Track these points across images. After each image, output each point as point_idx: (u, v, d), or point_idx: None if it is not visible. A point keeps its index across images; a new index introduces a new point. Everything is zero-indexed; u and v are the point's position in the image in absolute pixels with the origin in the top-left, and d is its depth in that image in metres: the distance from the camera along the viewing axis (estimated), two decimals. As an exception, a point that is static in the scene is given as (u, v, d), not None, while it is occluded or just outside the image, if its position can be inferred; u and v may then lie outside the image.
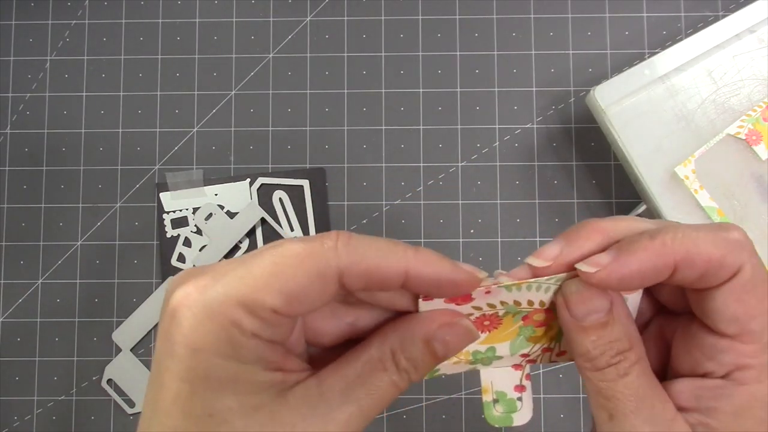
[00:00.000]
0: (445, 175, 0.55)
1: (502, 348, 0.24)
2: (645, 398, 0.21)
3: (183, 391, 0.19)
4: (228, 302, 0.19)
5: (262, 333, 0.19)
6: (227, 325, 0.19)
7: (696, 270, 0.20)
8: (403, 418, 0.53)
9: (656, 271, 0.20)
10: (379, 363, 0.21)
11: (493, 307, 0.23)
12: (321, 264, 0.19)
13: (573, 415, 0.53)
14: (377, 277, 0.20)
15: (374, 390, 0.21)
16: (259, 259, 0.19)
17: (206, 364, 0.19)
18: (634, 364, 0.21)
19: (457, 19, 0.56)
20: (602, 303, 0.21)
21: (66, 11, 0.58)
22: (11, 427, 0.54)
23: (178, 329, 0.19)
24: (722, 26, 0.49)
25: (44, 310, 0.55)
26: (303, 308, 0.20)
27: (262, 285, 0.19)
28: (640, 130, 0.48)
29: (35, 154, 0.56)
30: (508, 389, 0.25)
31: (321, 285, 0.20)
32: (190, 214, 0.55)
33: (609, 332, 0.21)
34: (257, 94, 0.56)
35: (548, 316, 0.23)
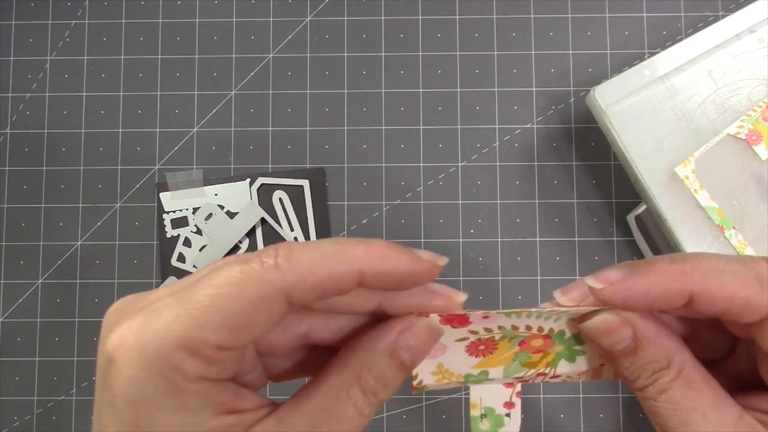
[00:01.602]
0: (445, 175, 0.55)
1: (496, 372, 0.24)
2: (694, 409, 0.20)
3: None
4: (165, 345, 0.17)
5: (208, 373, 0.18)
6: (168, 371, 0.17)
7: (716, 305, 0.19)
8: (403, 418, 0.53)
9: (668, 298, 0.19)
10: (341, 391, 0.19)
11: (490, 331, 0.22)
12: (263, 287, 0.18)
13: (573, 415, 0.53)
14: (329, 285, 0.18)
15: (338, 424, 0.19)
16: (195, 292, 0.18)
17: (149, 419, 0.17)
18: (674, 380, 0.20)
19: (457, 19, 0.56)
20: (625, 332, 0.21)
21: (66, 11, 0.58)
22: (11, 427, 0.54)
23: (117, 380, 0.17)
24: (722, 26, 0.49)
25: (44, 310, 0.55)
26: (249, 337, 0.18)
27: (202, 321, 0.17)
28: (640, 130, 0.48)
29: (35, 154, 0.56)
30: (497, 405, 0.24)
31: (267, 309, 0.18)
32: (190, 214, 0.55)
33: (641, 356, 0.21)
34: (257, 94, 0.56)
35: (546, 343, 0.23)
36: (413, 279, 0.19)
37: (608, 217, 0.54)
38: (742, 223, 0.46)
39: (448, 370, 0.23)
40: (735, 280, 0.19)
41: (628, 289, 0.19)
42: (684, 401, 0.20)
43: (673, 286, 0.19)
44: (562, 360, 0.23)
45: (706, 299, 0.19)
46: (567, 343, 0.23)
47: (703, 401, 0.20)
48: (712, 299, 0.19)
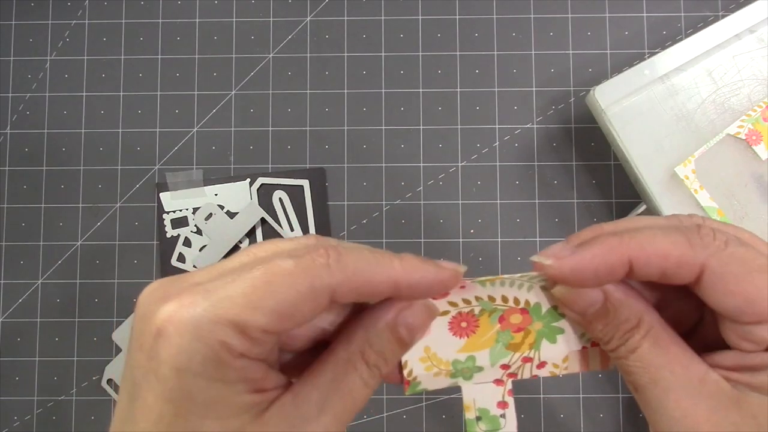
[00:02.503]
0: (445, 175, 0.55)
1: (482, 357, 0.24)
2: (662, 366, 0.21)
3: (167, 412, 0.19)
4: (219, 322, 0.18)
5: (250, 352, 0.19)
6: (216, 345, 0.18)
7: (653, 268, 0.20)
8: (403, 418, 0.53)
9: (610, 267, 0.21)
10: (348, 364, 0.21)
11: (468, 303, 0.23)
12: (315, 282, 0.19)
13: (573, 415, 0.53)
14: (368, 291, 0.20)
15: (347, 394, 0.21)
16: (249, 276, 0.19)
17: (192, 386, 0.19)
18: (643, 338, 0.21)
19: (457, 19, 0.56)
20: (595, 294, 0.22)
21: (66, 11, 0.58)
22: (11, 427, 0.54)
23: (165, 348, 0.19)
24: (722, 26, 0.49)
25: (44, 310, 0.55)
26: (293, 325, 0.20)
27: (255, 304, 0.19)
28: (640, 130, 0.48)
29: (35, 154, 0.56)
30: (490, 406, 0.24)
31: (313, 302, 0.19)
32: (190, 214, 0.55)
33: (612, 317, 0.22)
34: (257, 94, 0.56)
35: (524, 319, 0.24)
36: (439, 287, 0.21)
37: (608, 217, 0.54)
38: (742, 223, 0.46)
39: (435, 355, 0.24)
40: (666, 241, 0.20)
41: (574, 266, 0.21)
42: (653, 359, 0.21)
43: (611, 255, 0.20)
44: (543, 340, 0.24)
45: (642, 263, 0.20)
46: (545, 319, 0.24)
47: (670, 358, 0.21)
48: (647, 263, 0.20)
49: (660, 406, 0.21)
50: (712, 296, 0.21)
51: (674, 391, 0.21)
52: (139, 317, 0.20)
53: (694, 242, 0.20)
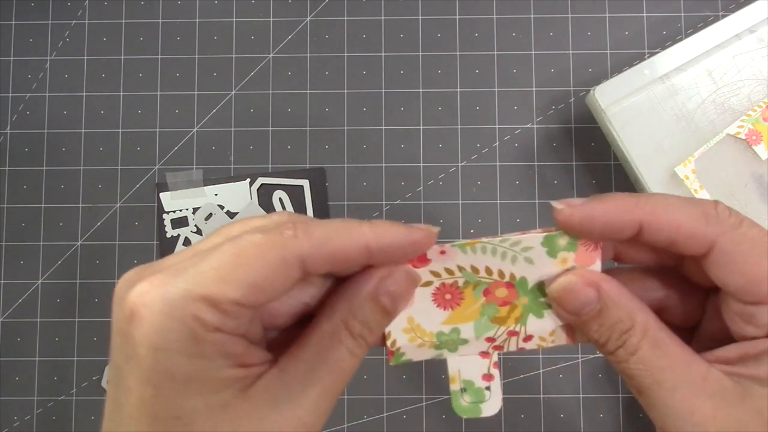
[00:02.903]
0: (445, 175, 0.55)
1: (466, 329, 0.24)
2: (664, 367, 0.21)
3: (147, 393, 0.19)
4: (189, 297, 0.19)
5: (225, 326, 0.19)
6: (189, 320, 0.18)
7: (663, 234, 0.21)
8: (403, 418, 0.53)
9: (620, 223, 0.21)
10: (333, 336, 0.21)
11: (451, 273, 0.23)
12: (284, 253, 0.19)
13: (573, 415, 0.53)
14: (340, 257, 0.20)
15: (333, 365, 0.21)
16: (219, 252, 0.19)
17: (169, 364, 0.19)
18: (641, 340, 0.21)
19: (457, 19, 0.56)
20: (589, 293, 0.22)
21: (66, 11, 0.58)
22: (11, 427, 0.54)
23: (138, 329, 0.19)
24: (722, 26, 0.49)
25: (44, 310, 0.55)
26: (266, 298, 0.20)
27: (225, 277, 0.19)
28: (640, 130, 0.48)
29: (35, 154, 0.56)
30: (475, 378, 0.24)
31: (284, 274, 0.19)
32: (190, 214, 0.55)
33: (606, 317, 0.22)
34: (257, 94, 0.56)
35: (510, 293, 0.23)
36: (412, 248, 0.21)
37: (608, 217, 0.54)
38: (742, 223, 0.46)
39: (419, 326, 0.24)
40: (682, 212, 0.21)
41: (585, 212, 0.21)
42: (654, 360, 0.21)
43: (625, 213, 0.21)
44: (530, 315, 0.24)
45: (654, 228, 0.21)
46: (531, 295, 0.23)
47: (671, 359, 0.21)
48: (659, 228, 0.21)
49: (666, 406, 0.21)
50: (718, 273, 0.21)
51: (679, 391, 0.21)
52: (114, 303, 0.20)
53: (710, 217, 0.21)
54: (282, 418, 0.20)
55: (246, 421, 0.19)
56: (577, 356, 0.53)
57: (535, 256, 0.23)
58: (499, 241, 0.22)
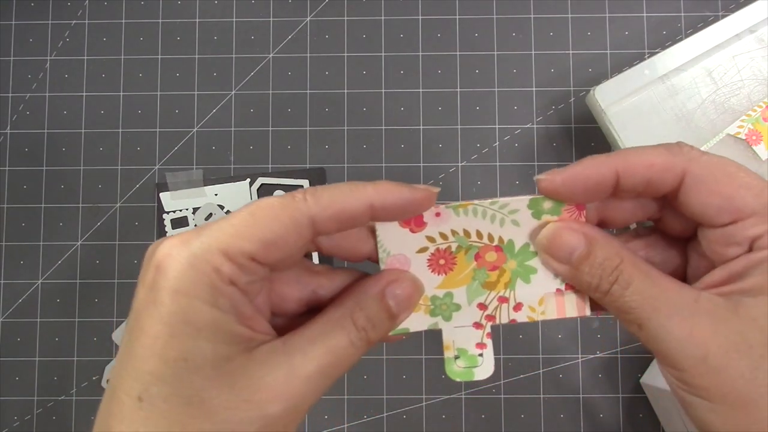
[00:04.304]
0: (445, 175, 0.55)
1: (459, 294, 0.25)
2: (658, 296, 0.22)
3: (162, 334, 0.20)
4: (210, 250, 0.20)
5: (239, 280, 0.21)
6: (209, 270, 0.20)
7: (639, 176, 0.22)
8: (403, 418, 0.53)
9: (599, 178, 0.23)
10: (338, 322, 0.23)
11: (446, 237, 0.25)
12: (295, 213, 0.21)
13: (573, 415, 0.53)
14: (346, 216, 0.22)
15: (333, 347, 0.22)
16: (237, 213, 0.21)
17: (187, 308, 0.20)
18: (632, 272, 0.22)
19: (457, 19, 0.56)
20: (575, 236, 0.23)
21: (66, 11, 0.58)
22: (11, 427, 0.54)
23: (163, 278, 0.20)
24: (722, 26, 0.49)
25: (44, 310, 0.55)
26: (279, 255, 0.21)
27: (241, 233, 0.21)
28: (640, 130, 0.48)
29: (35, 154, 0.56)
30: (469, 346, 0.26)
31: (295, 232, 0.21)
32: (190, 214, 0.55)
33: (595, 255, 0.23)
34: (257, 94, 0.56)
35: (499, 257, 0.25)
36: (413, 206, 0.23)
37: (608, 217, 0.54)
38: (742, 223, 0.46)
39: None
40: (651, 153, 0.22)
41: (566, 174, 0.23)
42: (647, 289, 0.22)
43: (600, 166, 0.23)
44: (518, 280, 0.25)
45: (630, 173, 0.22)
46: (518, 257, 0.25)
47: (662, 287, 0.22)
48: (634, 172, 0.22)
49: (665, 332, 0.21)
50: (693, 199, 0.22)
51: (675, 315, 0.21)
52: (143, 262, 0.22)
53: (676, 152, 0.22)
54: (277, 384, 0.21)
55: (243, 378, 0.21)
56: (577, 356, 0.53)
57: (521, 218, 0.24)
58: (489, 203, 0.24)
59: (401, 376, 0.53)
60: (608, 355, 0.53)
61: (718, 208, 0.22)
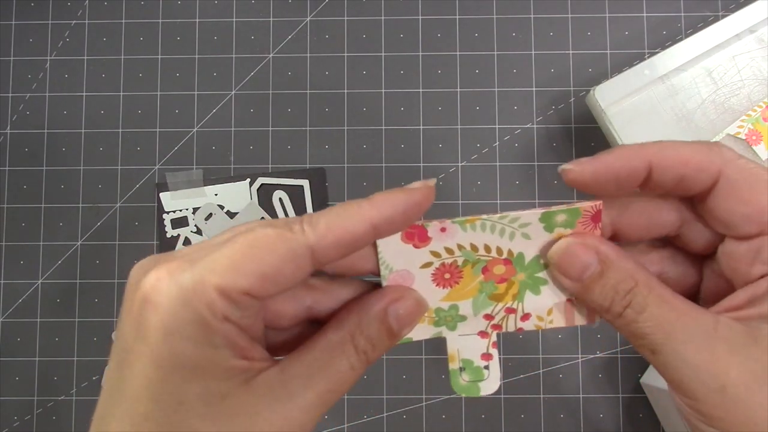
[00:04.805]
0: (445, 175, 0.55)
1: (465, 306, 0.24)
2: (674, 321, 0.21)
3: (155, 376, 0.19)
4: (203, 285, 0.19)
5: (233, 316, 0.20)
6: (202, 308, 0.19)
7: (672, 171, 0.21)
8: (403, 418, 0.53)
9: (630, 169, 0.21)
10: (338, 347, 0.22)
11: (451, 252, 0.23)
12: (293, 244, 0.20)
13: (573, 415, 0.53)
14: (348, 241, 0.21)
15: (333, 375, 0.21)
16: (232, 243, 0.20)
17: (180, 349, 0.19)
18: (647, 296, 0.21)
19: (457, 19, 0.56)
20: (588, 255, 0.22)
21: (66, 11, 0.58)
22: (11, 427, 0.54)
23: (152, 314, 0.19)
24: (722, 26, 0.49)
25: (44, 310, 0.55)
26: (276, 289, 0.20)
27: (237, 267, 0.19)
28: (640, 130, 0.48)
29: (35, 154, 0.56)
30: (474, 357, 0.25)
31: (294, 265, 0.20)
32: (190, 214, 0.55)
33: (608, 277, 0.22)
34: (257, 94, 0.56)
35: (508, 270, 0.24)
36: (415, 210, 0.21)
37: (608, 217, 0.54)
38: (742, 223, 0.46)
39: None
40: (687, 148, 0.21)
41: (597, 164, 0.22)
42: (662, 314, 0.21)
43: (633, 158, 0.21)
44: (527, 292, 0.24)
45: (662, 166, 0.21)
46: (528, 270, 0.24)
47: (680, 313, 0.21)
48: (667, 166, 0.21)
49: (681, 360, 0.20)
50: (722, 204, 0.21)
51: (692, 342, 0.20)
52: (127, 288, 0.21)
53: (713, 149, 0.21)
54: (276, 416, 0.20)
55: (242, 417, 0.20)
56: (577, 356, 0.53)
57: (533, 232, 0.23)
58: (498, 218, 0.23)
59: (401, 376, 0.53)
60: (608, 355, 0.53)
61: (746, 216, 0.21)
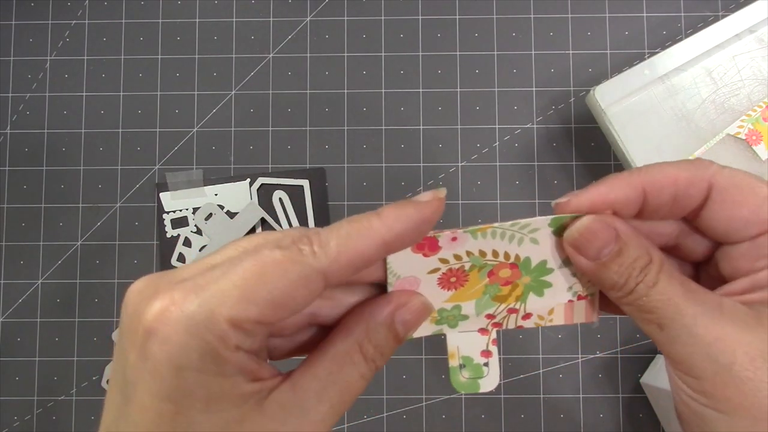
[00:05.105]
0: (445, 175, 0.55)
1: (468, 306, 0.24)
2: (684, 294, 0.21)
3: (167, 411, 0.19)
4: (213, 317, 0.18)
5: (245, 345, 0.19)
6: (213, 341, 0.18)
7: (666, 192, 0.22)
8: (403, 418, 0.53)
9: (625, 197, 0.22)
10: (347, 357, 0.22)
11: (459, 258, 0.23)
12: (306, 270, 0.19)
13: (573, 415, 0.53)
14: (361, 262, 0.20)
15: (344, 385, 0.21)
16: (240, 268, 0.19)
17: (192, 383, 0.19)
18: (659, 272, 0.21)
19: (457, 19, 0.56)
20: (608, 233, 0.22)
21: (66, 11, 0.58)
22: (11, 427, 0.54)
23: (160, 347, 0.18)
24: (722, 26, 0.49)
25: (44, 310, 0.55)
26: (288, 314, 0.20)
27: (248, 297, 0.19)
28: (640, 130, 0.48)
29: (35, 154, 0.56)
30: (474, 354, 0.25)
31: (306, 289, 0.19)
32: (190, 214, 0.55)
33: (626, 256, 0.22)
34: (257, 94, 0.56)
35: (514, 273, 0.24)
36: (427, 223, 0.21)
37: (608, 217, 0.54)
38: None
39: None
40: (674, 167, 0.22)
41: (591, 197, 0.22)
42: (673, 290, 0.21)
43: (625, 187, 0.22)
44: (531, 294, 0.24)
45: (656, 189, 0.22)
46: (534, 273, 0.24)
47: (686, 289, 0.21)
48: (660, 188, 0.22)
49: (690, 335, 0.20)
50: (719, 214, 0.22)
51: (701, 319, 0.20)
52: (128, 315, 0.20)
53: (699, 165, 0.22)
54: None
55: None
56: (577, 356, 0.53)
57: (541, 236, 0.23)
58: (509, 225, 0.23)
59: (401, 376, 0.53)
60: (608, 355, 0.53)
61: (745, 220, 0.21)
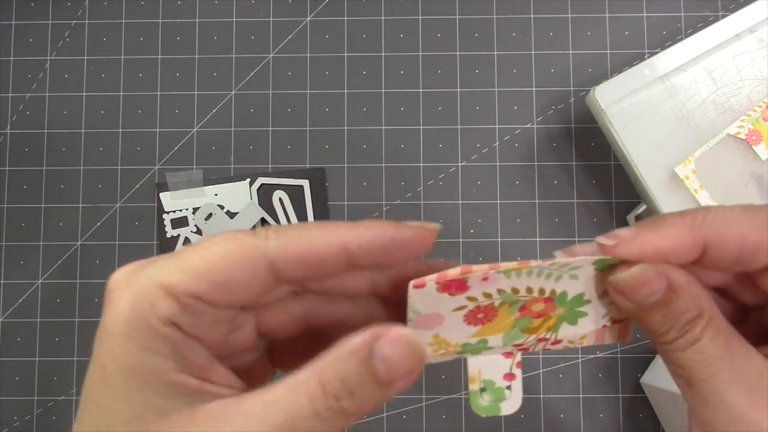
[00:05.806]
0: (445, 175, 0.55)
1: (495, 339, 0.23)
2: (722, 358, 0.19)
3: (97, 376, 0.19)
4: (149, 284, 0.18)
5: (181, 321, 0.18)
6: (145, 307, 0.18)
7: (729, 252, 0.19)
8: (403, 418, 0.53)
9: (682, 250, 0.19)
10: (301, 385, 0.18)
11: (489, 296, 0.21)
12: (251, 252, 0.18)
13: (573, 415, 0.53)
14: (313, 260, 0.19)
15: (289, 418, 0.18)
16: (191, 248, 0.19)
17: (120, 350, 0.18)
18: (704, 329, 0.20)
19: (457, 19, 0.56)
20: (660, 283, 0.20)
21: (66, 11, 0.58)
22: (11, 427, 0.54)
23: (106, 312, 0.19)
24: (722, 26, 0.49)
25: (44, 310, 0.55)
26: (229, 297, 0.18)
27: (186, 268, 0.18)
28: (640, 130, 0.48)
29: (35, 154, 0.56)
30: (496, 378, 0.23)
31: (250, 273, 0.18)
32: (190, 214, 0.55)
33: (674, 307, 0.20)
34: (257, 94, 0.56)
35: (547, 306, 0.22)
36: (402, 248, 0.19)
37: (608, 217, 0.54)
38: (742, 223, 0.46)
39: (444, 340, 0.22)
40: (744, 224, 0.19)
41: (643, 247, 0.19)
42: (714, 350, 0.19)
43: (686, 237, 0.19)
44: (563, 323, 0.23)
45: (719, 246, 0.19)
46: (569, 305, 0.22)
47: (730, 350, 0.20)
48: (724, 245, 0.19)
49: (720, 401, 0.19)
50: None
51: (736, 385, 0.19)
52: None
53: None
54: None
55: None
56: (577, 356, 0.53)
57: (582, 273, 0.21)
58: (548, 265, 0.21)
59: (401, 376, 0.53)
60: (608, 355, 0.53)
61: None
